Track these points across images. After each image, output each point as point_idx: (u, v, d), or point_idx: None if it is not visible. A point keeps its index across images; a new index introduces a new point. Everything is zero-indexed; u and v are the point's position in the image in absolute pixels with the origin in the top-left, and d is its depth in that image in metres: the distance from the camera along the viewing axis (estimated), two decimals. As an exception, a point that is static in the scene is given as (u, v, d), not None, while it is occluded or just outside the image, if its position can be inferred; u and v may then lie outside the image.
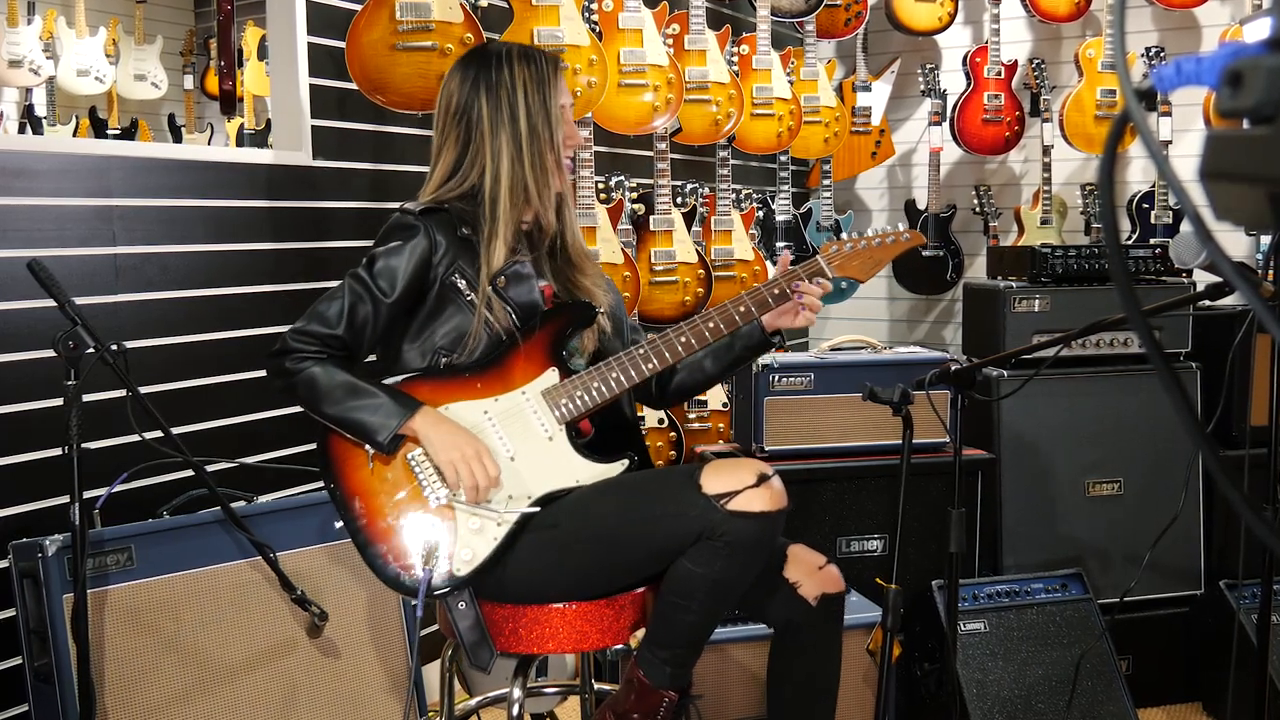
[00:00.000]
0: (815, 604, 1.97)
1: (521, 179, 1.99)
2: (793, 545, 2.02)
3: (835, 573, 2.02)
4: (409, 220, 1.98)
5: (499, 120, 1.99)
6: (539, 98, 2.01)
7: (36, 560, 2.07)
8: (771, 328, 2.08)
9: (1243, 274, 0.66)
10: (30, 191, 2.28)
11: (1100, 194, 0.70)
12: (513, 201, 1.99)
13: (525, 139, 1.99)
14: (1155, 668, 3.07)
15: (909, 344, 4.90)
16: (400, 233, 1.97)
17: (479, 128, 2.00)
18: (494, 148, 1.99)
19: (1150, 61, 4.38)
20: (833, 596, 2.00)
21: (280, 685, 2.35)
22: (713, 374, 2.16)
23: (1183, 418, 0.66)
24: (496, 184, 1.99)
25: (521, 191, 1.99)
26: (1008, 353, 2.35)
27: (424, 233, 1.96)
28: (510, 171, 1.98)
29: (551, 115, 2.01)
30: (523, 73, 2.01)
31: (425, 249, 1.95)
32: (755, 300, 2.01)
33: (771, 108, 4.03)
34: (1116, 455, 3.14)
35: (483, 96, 2.01)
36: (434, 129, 2.08)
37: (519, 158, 1.99)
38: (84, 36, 4.36)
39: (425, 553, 1.84)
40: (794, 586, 1.97)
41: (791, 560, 1.99)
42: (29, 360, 2.27)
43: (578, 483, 1.94)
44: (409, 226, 1.97)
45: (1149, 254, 3.24)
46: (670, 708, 1.86)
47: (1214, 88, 0.60)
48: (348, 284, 1.95)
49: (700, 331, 1.99)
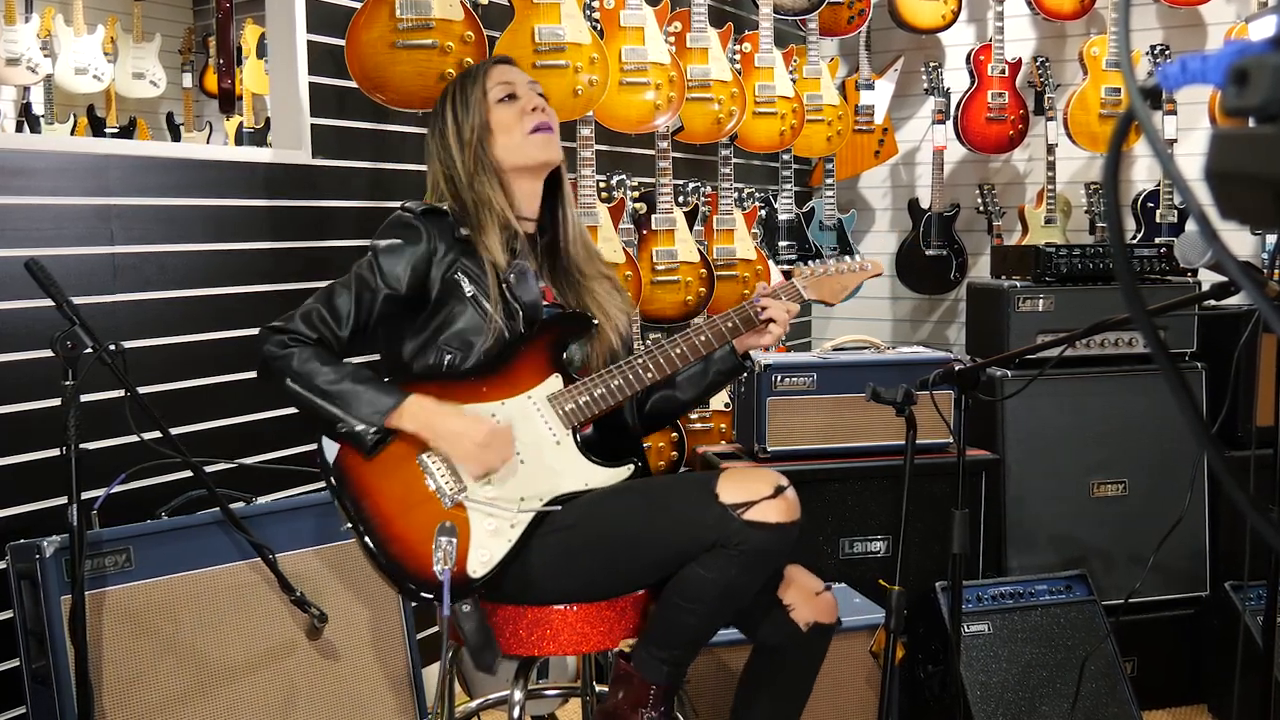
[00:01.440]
0: (805, 630, 1.97)
1: (462, 189, 2.04)
2: (792, 566, 2.01)
3: (831, 601, 2.01)
4: (410, 219, 1.99)
5: (436, 144, 2.09)
6: (462, 101, 2.07)
7: (34, 561, 2.06)
8: (742, 349, 2.10)
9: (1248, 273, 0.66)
10: (28, 190, 2.27)
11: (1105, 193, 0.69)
12: (477, 199, 2.02)
13: (455, 150, 2.05)
14: (1160, 670, 3.06)
15: (912, 344, 4.89)
16: (402, 230, 1.98)
17: (430, 156, 2.10)
18: (442, 171, 2.07)
19: (1155, 59, 4.37)
20: (824, 626, 1.99)
21: (279, 687, 2.34)
22: (687, 400, 2.18)
23: (1188, 418, 0.66)
24: (461, 189, 2.04)
25: (470, 200, 2.02)
26: (1012, 353, 2.34)
27: (424, 235, 1.97)
28: (457, 185, 2.04)
29: (484, 101, 2.06)
30: (451, 90, 2.10)
31: (426, 250, 1.96)
32: (740, 316, 2.03)
33: (774, 106, 4.01)
34: (1121, 456, 3.13)
35: (430, 128, 2.12)
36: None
37: (456, 172, 2.05)
38: (82, 34, 4.35)
39: (442, 555, 1.82)
40: (787, 609, 1.96)
41: (789, 581, 1.99)
42: (27, 360, 2.26)
43: (587, 485, 1.94)
44: (410, 226, 1.98)
45: (1154, 253, 3.23)
46: (660, 694, 1.87)
47: (1219, 86, 0.60)
48: (355, 275, 1.96)
49: (693, 344, 2.00)
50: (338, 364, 1.89)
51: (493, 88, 2.07)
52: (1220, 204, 0.62)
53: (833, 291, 2.16)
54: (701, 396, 2.17)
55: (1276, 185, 0.58)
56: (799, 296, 2.10)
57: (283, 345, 1.88)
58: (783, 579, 1.98)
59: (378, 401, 1.85)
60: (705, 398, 2.20)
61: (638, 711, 1.87)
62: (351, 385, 1.86)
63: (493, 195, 2.03)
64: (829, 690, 2.51)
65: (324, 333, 1.91)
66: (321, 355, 1.88)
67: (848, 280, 2.17)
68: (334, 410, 1.85)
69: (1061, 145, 4.48)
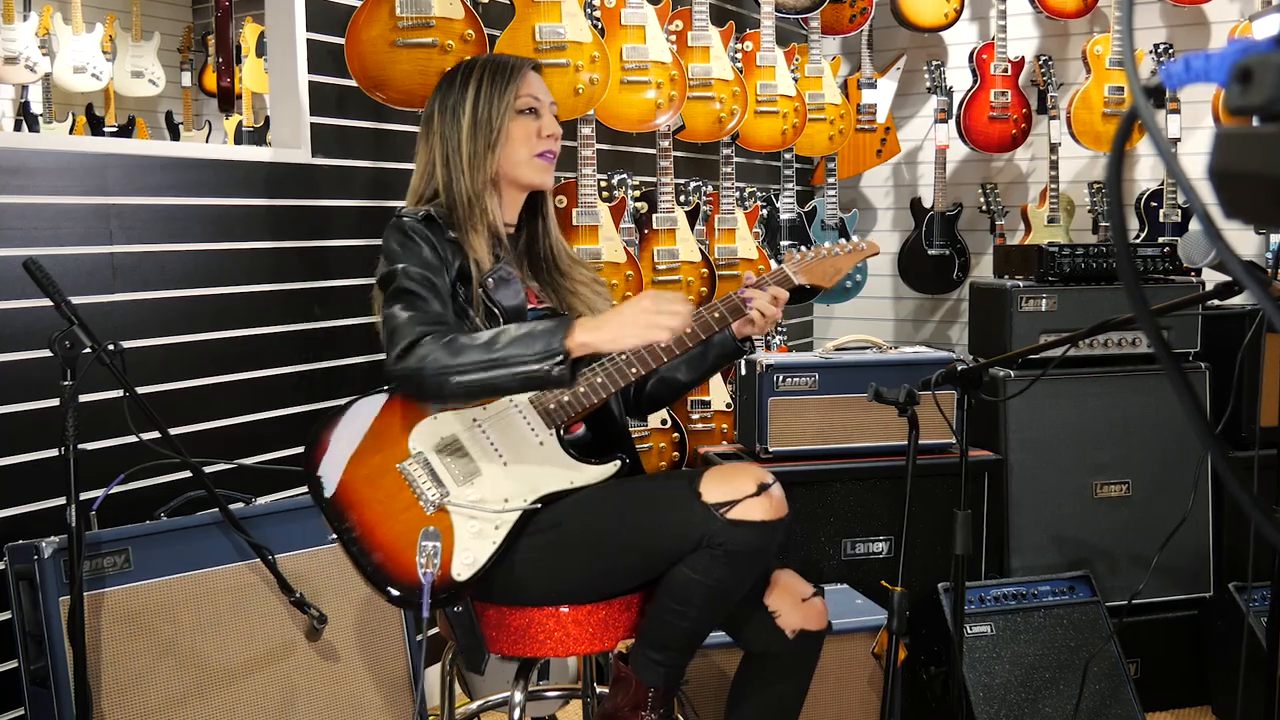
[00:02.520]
0: (791, 637, 1.94)
1: (457, 179, 2.00)
2: (781, 570, 1.99)
3: (820, 607, 1.98)
4: (408, 225, 1.96)
5: (446, 122, 2.04)
6: (492, 91, 2.03)
7: (32, 562, 2.06)
8: (740, 335, 2.08)
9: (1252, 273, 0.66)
10: (26, 190, 2.27)
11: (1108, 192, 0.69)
12: (469, 197, 1.99)
13: (468, 134, 2.01)
14: (1164, 671, 3.05)
15: (914, 344, 4.88)
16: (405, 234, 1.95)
17: (433, 132, 2.05)
18: (441, 151, 2.03)
19: (1159, 58, 4.36)
20: (811, 634, 1.96)
21: (279, 689, 2.34)
22: (687, 382, 2.18)
23: (1191, 418, 0.66)
24: (456, 184, 2.01)
25: (463, 192, 2.00)
26: (1014, 353, 2.33)
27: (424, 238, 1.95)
28: (453, 173, 2.01)
29: (504, 106, 2.02)
30: (479, 74, 2.05)
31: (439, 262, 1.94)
32: (728, 306, 2.00)
33: (776, 105, 4.00)
34: (1124, 456, 3.12)
35: (439, 101, 2.06)
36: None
37: (457, 158, 2.01)
38: (80, 33, 4.34)
39: (425, 559, 1.82)
40: (773, 615, 1.94)
41: (776, 586, 1.96)
42: (25, 360, 2.25)
43: (572, 484, 1.93)
44: (411, 229, 1.96)
45: (1157, 253, 3.22)
46: (659, 696, 1.86)
47: (1223, 84, 0.60)
48: (402, 289, 1.88)
49: (679, 336, 1.98)
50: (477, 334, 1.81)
51: (521, 96, 2.05)
52: (1224, 203, 0.62)
53: (826, 274, 2.11)
54: (701, 379, 2.18)
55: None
56: (789, 282, 2.05)
57: (427, 348, 1.80)
58: (770, 584, 1.96)
59: (553, 337, 1.76)
60: (704, 379, 2.21)
61: (637, 713, 1.86)
62: (520, 340, 1.77)
63: (487, 196, 2.02)
64: (831, 692, 2.50)
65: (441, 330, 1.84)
66: (458, 337, 1.80)
67: (841, 262, 2.12)
68: (516, 370, 1.77)
69: (1064, 144, 4.47)
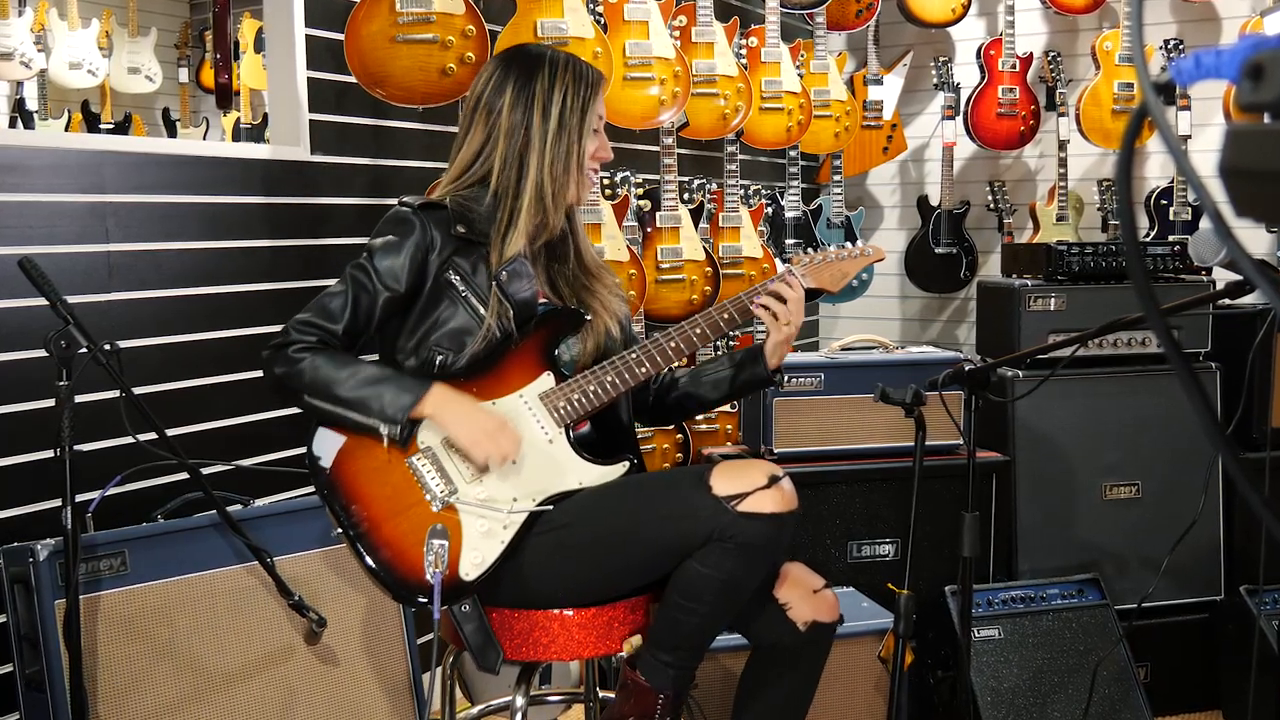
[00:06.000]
0: (804, 629, 1.93)
1: (541, 176, 1.97)
2: (790, 563, 1.99)
3: (832, 599, 1.98)
4: (406, 214, 1.97)
5: (531, 116, 1.98)
6: (578, 102, 2.00)
7: (28, 565, 2.05)
8: (774, 364, 2.09)
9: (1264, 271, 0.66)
10: (21, 187, 2.26)
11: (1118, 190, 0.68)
12: (535, 197, 1.97)
13: (553, 137, 1.98)
14: (1174, 675, 3.03)
15: (921, 343, 4.85)
16: (399, 226, 1.96)
17: (508, 120, 1.98)
18: (523, 142, 1.98)
19: (1169, 54, 4.33)
20: (824, 626, 1.96)
21: (277, 693, 2.33)
22: (711, 400, 2.18)
23: (1202, 419, 0.66)
24: (522, 179, 1.97)
25: (540, 188, 1.97)
26: (1023, 352, 2.32)
27: (421, 227, 1.95)
28: (536, 166, 1.97)
29: (586, 123, 2.01)
30: (566, 75, 2.01)
31: (423, 244, 1.94)
32: (737, 308, 2.02)
33: (781, 101, 3.98)
34: (1134, 458, 3.10)
35: (514, 88, 1.99)
36: (460, 118, 2.08)
37: (543, 155, 1.98)
38: (76, 29, 4.32)
39: (433, 558, 1.80)
40: (784, 607, 1.94)
41: (786, 579, 1.96)
42: (20, 360, 2.25)
43: (580, 484, 1.93)
44: (406, 221, 1.96)
45: (1167, 251, 3.20)
46: (666, 704, 1.85)
47: (1234, 81, 0.60)
48: (349, 276, 1.93)
49: (689, 337, 1.99)
50: (349, 364, 1.86)
51: (599, 114, 2.06)
52: (1235, 201, 0.61)
53: (832, 279, 2.13)
54: (725, 399, 2.18)
55: (1292, 182, 0.57)
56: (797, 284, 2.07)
57: (288, 362, 1.86)
58: (780, 576, 1.95)
59: (400, 399, 1.84)
60: (730, 400, 2.22)
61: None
62: (371, 389, 1.84)
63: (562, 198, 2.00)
64: (837, 696, 2.48)
65: (321, 335, 1.89)
66: (331, 359, 1.86)
67: (847, 266, 2.14)
68: (358, 418, 1.84)
69: (1073, 141, 4.45)
